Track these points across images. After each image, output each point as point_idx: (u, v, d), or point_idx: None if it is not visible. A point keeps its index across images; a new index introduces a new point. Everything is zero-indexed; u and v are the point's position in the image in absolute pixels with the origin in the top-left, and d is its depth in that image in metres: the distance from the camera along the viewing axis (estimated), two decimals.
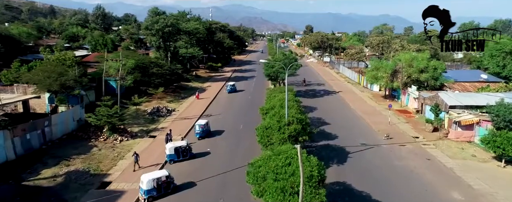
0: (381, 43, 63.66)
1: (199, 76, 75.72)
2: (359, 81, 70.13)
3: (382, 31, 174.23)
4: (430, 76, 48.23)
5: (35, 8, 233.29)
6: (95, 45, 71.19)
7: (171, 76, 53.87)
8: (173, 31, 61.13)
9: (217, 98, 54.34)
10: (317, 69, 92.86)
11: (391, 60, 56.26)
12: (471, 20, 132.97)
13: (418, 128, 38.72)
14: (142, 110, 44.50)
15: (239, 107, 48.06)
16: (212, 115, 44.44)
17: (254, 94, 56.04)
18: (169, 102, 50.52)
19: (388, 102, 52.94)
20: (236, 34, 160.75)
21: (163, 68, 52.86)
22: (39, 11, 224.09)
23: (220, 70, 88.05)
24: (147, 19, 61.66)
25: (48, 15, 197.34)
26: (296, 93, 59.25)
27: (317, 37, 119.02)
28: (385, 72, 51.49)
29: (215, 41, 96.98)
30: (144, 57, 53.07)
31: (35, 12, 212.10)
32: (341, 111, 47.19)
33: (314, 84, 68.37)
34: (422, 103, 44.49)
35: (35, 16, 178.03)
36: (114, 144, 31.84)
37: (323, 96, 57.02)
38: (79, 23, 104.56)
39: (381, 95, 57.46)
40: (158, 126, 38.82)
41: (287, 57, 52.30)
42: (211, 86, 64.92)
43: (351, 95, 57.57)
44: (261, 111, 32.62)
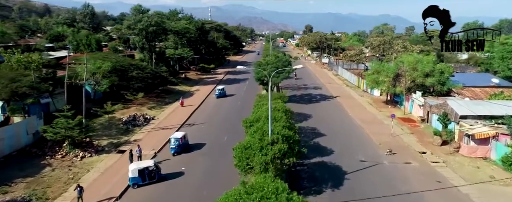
0: (382, 44, 59.30)
1: (188, 79, 71.29)
2: (358, 84, 65.71)
3: (383, 31, 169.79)
4: (437, 81, 43.87)
5: (30, 7, 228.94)
6: (77, 46, 66.68)
7: (153, 80, 49.45)
8: (158, 31, 56.73)
9: (204, 104, 49.81)
10: (315, 71, 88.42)
11: (393, 62, 51.85)
12: (475, 20, 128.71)
13: (424, 140, 34.28)
14: (117, 118, 40.10)
15: (226, 115, 43.61)
16: (195, 124, 40.06)
17: (244, 99, 51.51)
18: (150, 108, 46.10)
19: (389, 108, 48.63)
20: (233, 34, 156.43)
21: (144, 71, 48.45)
22: (33, 10, 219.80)
23: (212, 72, 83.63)
24: (129, 17, 57.22)
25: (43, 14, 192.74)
26: (290, 98, 55.25)
27: (315, 37, 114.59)
28: (387, 76, 47.11)
29: (208, 41, 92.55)
30: (123, 59, 48.67)
31: (30, 11, 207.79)
32: (339, 119, 42.77)
33: (311, 87, 63.93)
34: (428, 111, 40.06)
35: (29, 15, 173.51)
36: (73, 162, 27.40)
37: (319, 101, 52.60)
38: (66, 22, 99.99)
39: (382, 100, 53.06)
40: (131, 137, 34.39)
41: (280, 60, 47.86)
42: (200, 90, 60.47)
43: (350, 100, 53.15)
44: (245, 123, 28.17)
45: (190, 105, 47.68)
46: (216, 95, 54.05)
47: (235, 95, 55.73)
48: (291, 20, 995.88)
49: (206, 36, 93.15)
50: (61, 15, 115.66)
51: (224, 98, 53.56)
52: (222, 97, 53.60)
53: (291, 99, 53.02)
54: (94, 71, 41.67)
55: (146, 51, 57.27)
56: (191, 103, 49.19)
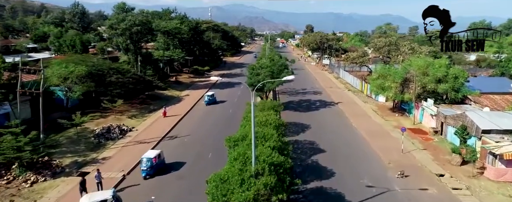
0: (387, 45, 54.53)
1: (179, 82, 66.63)
2: (361, 89, 60.96)
3: (386, 31, 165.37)
4: (450, 87, 39.08)
5: (26, 7, 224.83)
6: (59, 47, 62.14)
7: (136, 85, 44.76)
8: (144, 31, 52.07)
9: (191, 112, 44.87)
10: (315, 74, 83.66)
11: (400, 66, 47.08)
12: (482, 19, 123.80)
13: (440, 158, 29.54)
14: (90, 130, 35.45)
15: (215, 126, 38.80)
16: (179, 136, 35.38)
17: (237, 106, 46.71)
18: (131, 117, 41.43)
19: (396, 116, 43.93)
20: (231, 34, 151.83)
21: (126, 76, 43.77)
22: (30, 9, 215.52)
23: (206, 74, 78.87)
24: (112, 16, 52.61)
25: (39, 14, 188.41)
26: (287, 105, 50.51)
27: (316, 38, 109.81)
28: (394, 82, 42.37)
29: (203, 42, 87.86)
30: (102, 62, 43.99)
31: (27, 10, 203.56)
32: (341, 130, 38.03)
33: (310, 92, 59.18)
34: (442, 122, 35.30)
35: (25, 15, 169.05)
36: (19, 189, 22.74)
37: (319, 109, 47.85)
38: (55, 22, 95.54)
39: (388, 107, 48.33)
40: (100, 154, 29.72)
41: (275, 63, 43.15)
42: (190, 95, 55.78)
43: (353, 107, 48.39)
44: (228, 142, 23.45)
45: (174, 114, 42.47)
46: (205, 102, 48.90)
47: (227, 101, 50.91)
48: (293, 20, 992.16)
49: (201, 37, 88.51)
50: (46, 15, 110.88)
51: (215, 105, 48.80)
52: (212, 104, 48.88)
53: (288, 106, 48.41)
54: (66, 76, 37.16)
55: (130, 53, 52.59)
56: (177, 111, 44.27)
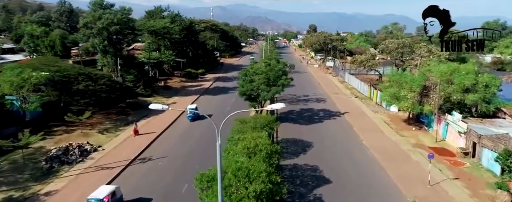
0: (401, 48, 48.09)
1: (168, 87, 60.41)
2: (370, 95, 54.51)
3: (392, 31, 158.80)
4: (480, 97, 32.62)
5: (23, 6, 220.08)
6: (35, 48, 56.17)
7: (110, 93, 38.59)
8: (124, 31, 45.90)
9: (172, 128, 37.63)
10: (318, 77, 77.18)
11: (417, 71, 40.62)
12: (496, 19, 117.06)
13: (479, 193, 23.13)
14: (45, 150, 29.30)
15: (196, 146, 31.92)
16: (152, 158, 29.16)
17: (225, 123, 38.47)
18: (101, 132, 35.24)
19: (413, 131, 37.61)
20: (231, 34, 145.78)
21: (98, 83, 37.62)
22: (26, 9, 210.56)
23: (200, 78, 72.64)
24: (87, 14, 46.46)
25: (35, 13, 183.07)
26: (287, 116, 43.98)
27: (319, 38, 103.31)
28: (411, 91, 35.97)
29: (197, 42, 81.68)
30: (70, 66, 37.83)
31: (24, 10, 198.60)
32: (349, 150, 31.61)
33: (313, 100, 52.76)
34: (474, 142, 28.87)
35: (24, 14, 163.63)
36: None
37: (322, 120, 41.45)
38: (41, 21, 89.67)
39: (402, 118, 41.93)
40: (45, 187, 23.52)
41: (272, 69, 36.78)
42: (177, 103, 49.55)
43: (362, 119, 41.97)
44: (199, 183, 17.16)
45: (149, 132, 34.94)
46: (188, 118, 40.10)
47: (214, 115, 41.00)
48: (296, 20, 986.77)
49: (196, 37, 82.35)
50: (32, 13, 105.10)
51: (200, 121, 40.07)
52: (197, 120, 40.21)
53: (287, 117, 42.15)
54: (20, 84, 31.07)
55: (109, 55, 46.40)
56: (156, 125, 37.61)
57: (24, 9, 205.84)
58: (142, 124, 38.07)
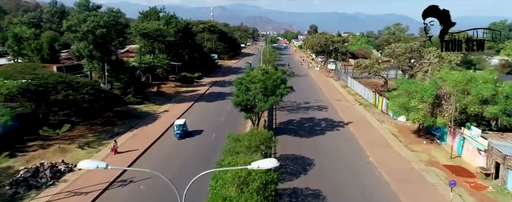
0: (409, 52, 44.80)
1: (162, 93, 57.19)
2: (374, 102, 51.27)
3: (394, 32, 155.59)
4: (501, 110, 29.38)
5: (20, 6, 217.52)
6: (19, 51, 52.97)
7: (93, 103, 35.38)
8: (112, 34, 42.71)
9: (159, 144, 33.74)
10: (319, 81, 73.95)
11: (428, 80, 37.36)
12: (503, 19, 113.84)
13: None
14: (13, 171, 26.12)
15: (185, 166, 28.15)
16: (134, 180, 25.93)
17: (218, 138, 34.16)
18: (81, 147, 32.02)
19: (424, 144, 34.48)
20: (230, 35, 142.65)
21: (79, 92, 34.41)
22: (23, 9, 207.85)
23: (195, 82, 69.43)
24: (71, 16, 43.26)
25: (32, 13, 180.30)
26: (286, 127, 40.72)
27: (320, 40, 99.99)
28: (422, 101, 32.70)
29: (194, 45, 78.50)
30: (49, 74, 34.57)
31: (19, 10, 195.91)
32: (355, 170, 28.33)
33: (314, 107, 49.53)
34: (498, 162, 25.60)
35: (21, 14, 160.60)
36: None
37: (325, 132, 38.20)
38: (32, 22, 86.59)
39: (411, 129, 38.73)
40: None
41: (270, 77, 33.52)
42: (170, 111, 46.30)
43: (367, 130, 38.72)
44: None
45: (131, 149, 31.08)
46: (176, 135, 34.89)
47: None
48: (296, 20, 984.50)
49: (192, 39, 79.20)
50: (22, 14, 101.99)
51: (189, 138, 35.30)
52: (186, 136, 35.51)
53: (286, 128, 39.02)
54: None
55: (96, 60, 43.19)
56: (140, 141, 33.61)
57: (19, 8, 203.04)
58: (127, 137, 34.85)
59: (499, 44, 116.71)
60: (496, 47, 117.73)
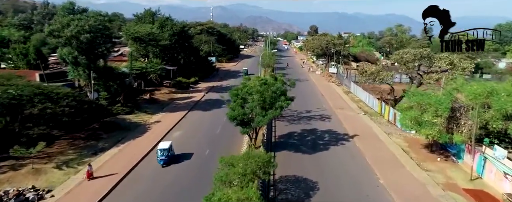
0: (419, 59, 41.64)
1: (155, 100, 53.94)
2: (380, 111, 48.14)
3: (397, 33, 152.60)
4: None
5: (16, 6, 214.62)
6: (1, 56, 49.84)
7: (75, 116, 32.21)
8: (98, 40, 39.53)
9: (143, 165, 29.42)
10: (321, 87, 70.76)
11: (441, 90, 34.17)
12: (510, 21, 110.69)
13: None
14: None
15: (169, 196, 25.01)
16: None
17: (212, 155, 30.93)
18: (59, 166, 28.81)
19: (438, 162, 31.37)
20: (228, 37, 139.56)
21: (59, 104, 31.24)
22: (20, 9, 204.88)
23: (191, 88, 66.25)
24: (54, 21, 40.07)
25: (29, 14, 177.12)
26: (286, 140, 37.41)
27: (321, 42, 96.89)
28: (436, 115, 29.52)
29: (190, 48, 75.33)
30: (24, 84, 31.31)
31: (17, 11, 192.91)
32: (364, 195, 25.09)
33: (316, 117, 46.33)
34: None
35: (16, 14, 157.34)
36: None
37: (328, 147, 34.96)
38: (22, 24, 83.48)
39: (422, 143, 35.60)
40: None
41: (268, 88, 30.32)
42: (162, 121, 43.08)
43: (375, 145, 35.53)
44: None
45: (110, 173, 27.03)
46: (158, 162, 29.17)
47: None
48: (296, 20, 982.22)
49: (189, 42, 76.02)
50: (13, 16, 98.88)
51: (175, 165, 29.84)
52: (172, 164, 29.92)
53: (286, 142, 35.82)
54: None
55: (81, 68, 40.03)
56: (124, 160, 29.96)
57: (17, 10, 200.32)
58: (111, 154, 31.59)
59: (505, 46, 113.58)
60: (502, 49, 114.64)
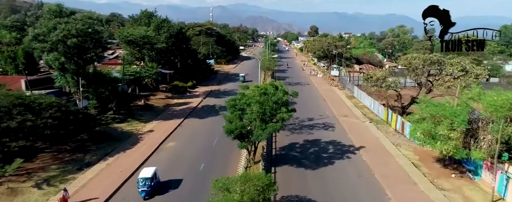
0: (428, 65, 39.10)
1: (150, 106, 51.33)
2: (387, 119, 45.60)
3: (399, 34, 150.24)
4: None
5: (14, 7, 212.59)
6: None
7: (58, 129, 29.69)
8: (87, 44, 36.99)
9: (126, 188, 25.90)
10: (323, 91, 68.19)
11: (456, 99, 31.59)
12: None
13: None
14: None
15: None
16: None
17: (207, 170, 28.64)
18: (37, 186, 26.21)
19: (453, 179, 28.84)
20: (228, 38, 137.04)
21: (41, 116, 28.73)
22: (17, 9, 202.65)
23: (188, 92, 63.72)
24: (39, 24, 37.54)
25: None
26: (287, 153, 34.68)
27: (322, 44, 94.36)
28: (452, 129, 26.97)
29: (188, 50, 72.83)
30: (3, 94, 28.79)
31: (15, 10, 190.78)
32: None
33: (319, 126, 43.79)
34: None
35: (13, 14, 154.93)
36: None
37: (333, 162, 32.37)
38: (15, 26, 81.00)
39: (434, 156, 33.01)
40: None
41: (268, 98, 27.80)
42: (155, 131, 40.52)
43: (383, 159, 32.96)
44: None
45: (88, 198, 23.75)
46: (140, 193, 24.13)
47: (199, 154, 32.86)
48: (296, 20, 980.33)
49: (186, 44, 73.51)
50: (5, 17, 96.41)
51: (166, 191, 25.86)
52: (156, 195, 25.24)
53: (287, 156, 33.25)
54: None
55: (69, 74, 37.51)
56: (106, 182, 26.70)
57: (14, 10, 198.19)
58: (97, 170, 28.98)
59: (511, 48, 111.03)
60: (508, 51, 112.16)
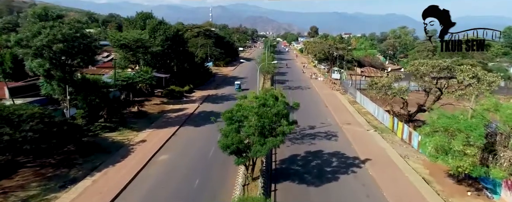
0: (437, 71, 36.81)
1: (144, 113, 48.97)
2: (392, 127, 43.38)
3: (400, 35, 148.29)
4: None
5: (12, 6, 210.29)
6: None
7: (40, 142, 27.43)
8: (75, 50, 34.69)
9: None
10: (324, 96, 65.91)
11: (470, 109, 29.30)
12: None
13: None
14: None
15: None
16: None
17: (202, 186, 26.99)
18: None
19: (469, 197, 26.56)
20: (227, 40, 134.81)
21: (20, 129, 26.45)
22: (15, 9, 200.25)
23: (185, 97, 61.45)
24: (23, 28, 35.30)
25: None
26: (288, 167, 31.83)
27: (323, 46, 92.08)
28: (468, 144, 24.71)
29: (185, 53, 70.59)
30: None
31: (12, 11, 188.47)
32: None
33: (321, 135, 41.50)
34: None
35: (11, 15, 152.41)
36: None
37: (337, 177, 30.06)
38: (7, 27, 78.68)
39: (445, 170, 30.71)
40: None
41: (268, 110, 25.53)
42: (148, 141, 38.16)
43: (391, 174, 30.69)
44: None
45: None
46: None
47: (193, 167, 30.98)
48: (296, 20, 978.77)
49: (183, 47, 71.24)
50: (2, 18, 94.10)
51: None
52: None
53: (288, 170, 30.95)
54: None
55: (55, 82, 35.22)
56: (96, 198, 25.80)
57: (12, 10, 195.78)
58: (82, 188, 26.63)
59: None
60: (511, 53, 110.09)
